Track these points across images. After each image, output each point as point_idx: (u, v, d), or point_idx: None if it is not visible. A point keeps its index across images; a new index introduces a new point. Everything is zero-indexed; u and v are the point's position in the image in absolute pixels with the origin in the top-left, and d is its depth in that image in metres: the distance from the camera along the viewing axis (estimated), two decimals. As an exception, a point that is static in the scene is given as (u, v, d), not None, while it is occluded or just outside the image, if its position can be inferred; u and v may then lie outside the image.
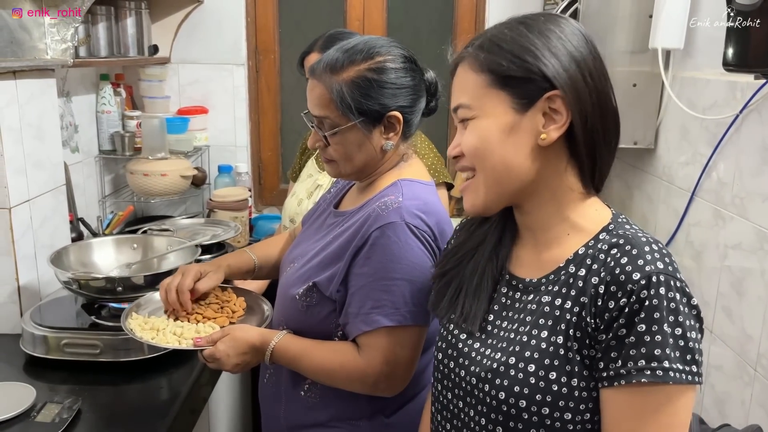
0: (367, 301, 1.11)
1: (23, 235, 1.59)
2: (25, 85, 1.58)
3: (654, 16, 1.78)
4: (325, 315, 1.18)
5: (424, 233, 1.12)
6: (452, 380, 0.92)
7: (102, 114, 2.33)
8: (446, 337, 0.95)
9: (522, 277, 0.90)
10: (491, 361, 0.85)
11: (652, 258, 0.77)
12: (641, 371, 0.75)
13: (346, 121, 1.14)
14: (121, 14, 2.23)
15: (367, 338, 1.13)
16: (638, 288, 0.76)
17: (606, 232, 0.84)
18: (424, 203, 1.15)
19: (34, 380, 1.36)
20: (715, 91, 1.58)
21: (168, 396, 1.35)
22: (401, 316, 1.10)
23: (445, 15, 2.58)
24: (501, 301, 0.91)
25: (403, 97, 1.16)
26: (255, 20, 2.57)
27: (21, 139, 1.58)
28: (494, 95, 0.84)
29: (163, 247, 1.74)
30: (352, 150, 1.17)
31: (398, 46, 1.19)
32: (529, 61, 0.82)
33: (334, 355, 1.16)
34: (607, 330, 0.77)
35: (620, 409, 0.77)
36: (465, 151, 0.86)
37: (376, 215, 1.13)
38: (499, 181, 0.85)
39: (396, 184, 1.18)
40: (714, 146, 1.56)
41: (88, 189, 2.29)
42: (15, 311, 1.58)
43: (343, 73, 1.13)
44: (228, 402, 1.99)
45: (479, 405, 0.86)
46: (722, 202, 1.53)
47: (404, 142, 1.23)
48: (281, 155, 2.72)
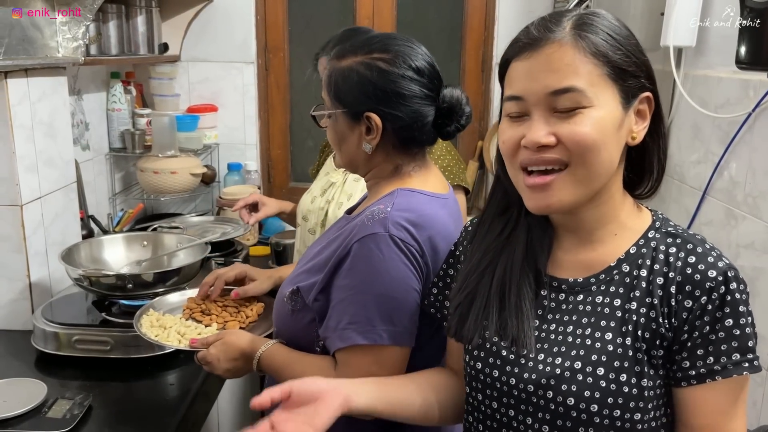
0: (344, 315, 1.05)
1: (34, 232, 1.60)
2: (36, 83, 1.59)
3: (666, 14, 1.76)
4: (307, 322, 1.13)
5: (410, 247, 1.04)
6: (499, 389, 0.87)
7: (112, 112, 2.34)
8: (484, 345, 0.89)
9: (564, 277, 0.87)
10: (551, 367, 0.82)
11: (716, 255, 0.80)
12: (738, 365, 0.77)
13: (332, 107, 1.14)
14: (132, 12, 2.24)
15: (342, 355, 1.07)
16: (717, 285, 0.77)
17: (654, 230, 0.85)
18: (418, 215, 1.07)
19: (46, 376, 1.37)
20: (728, 89, 1.57)
21: (178, 393, 1.36)
22: (376, 335, 1.03)
23: (455, 12, 2.57)
24: (543, 304, 0.87)
25: (387, 103, 1.09)
26: (264, 18, 2.57)
27: (33, 137, 1.58)
28: (608, 87, 0.79)
29: (173, 245, 1.74)
30: (338, 139, 1.16)
31: (412, 53, 1.11)
32: (640, 58, 0.81)
33: (311, 371, 1.09)
34: (691, 329, 0.78)
35: (715, 404, 0.80)
36: (570, 142, 0.78)
37: (361, 224, 1.07)
38: (596, 177, 0.80)
39: (392, 193, 1.12)
40: (726, 145, 1.55)
41: (99, 186, 2.30)
42: (26, 308, 1.59)
43: (343, 61, 1.13)
44: (237, 398, 2.00)
45: (539, 412, 0.83)
46: (734, 201, 1.52)
47: (401, 154, 1.14)
48: (290, 153, 2.72)
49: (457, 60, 2.60)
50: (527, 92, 0.80)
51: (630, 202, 0.88)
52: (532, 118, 0.80)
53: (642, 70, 0.81)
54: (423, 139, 1.15)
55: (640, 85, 0.81)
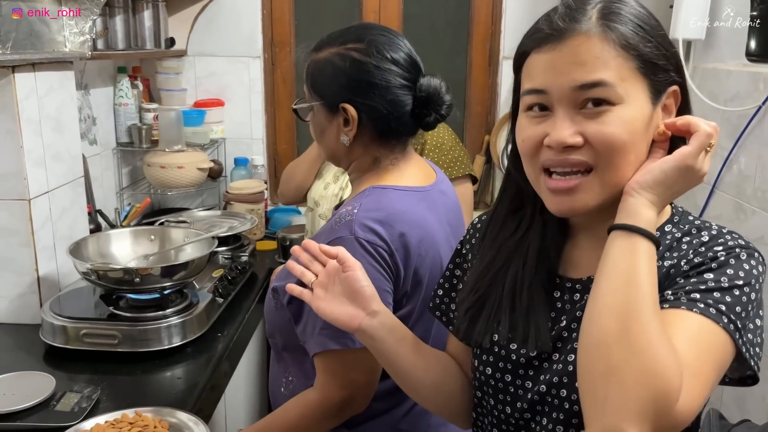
0: (318, 320, 1.03)
1: (42, 226, 1.60)
2: (44, 78, 1.60)
3: (675, 7, 1.75)
4: (287, 320, 1.12)
5: (378, 247, 1.03)
6: (513, 393, 0.85)
7: (119, 106, 2.34)
8: (492, 349, 0.87)
9: (579, 277, 0.84)
10: (564, 364, 0.80)
11: (735, 236, 0.77)
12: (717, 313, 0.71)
13: (311, 100, 1.15)
14: (139, 7, 2.24)
15: (318, 361, 1.08)
16: (725, 249, 0.74)
17: (671, 224, 0.82)
18: (387, 214, 1.06)
19: (54, 370, 1.37)
20: (738, 82, 1.56)
21: (185, 387, 1.36)
22: (348, 339, 1.02)
23: (462, 7, 2.56)
24: (557, 306, 0.84)
25: (361, 93, 1.08)
26: (271, 12, 2.57)
27: (40, 132, 1.59)
28: (638, 82, 0.74)
29: (180, 239, 1.75)
30: (318, 132, 1.18)
31: (387, 42, 1.10)
32: (669, 50, 0.76)
33: (292, 412, 1.10)
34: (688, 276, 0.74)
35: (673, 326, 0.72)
36: (598, 143, 0.73)
37: (330, 228, 1.07)
38: (623, 179, 0.75)
39: (363, 192, 1.11)
40: (736, 138, 1.54)
41: (106, 181, 2.31)
42: (35, 301, 1.60)
43: (320, 53, 1.13)
44: (245, 392, 2.01)
45: (554, 413, 0.81)
46: (744, 195, 1.51)
47: (379, 147, 1.14)
48: (297, 148, 2.72)
49: (463, 54, 2.59)
50: (551, 86, 0.74)
51: None
52: (556, 116, 0.74)
53: (671, 63, 0.77)
54: (401, 130, 1.14)
55: (670, 79, 0.77)
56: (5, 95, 1.48)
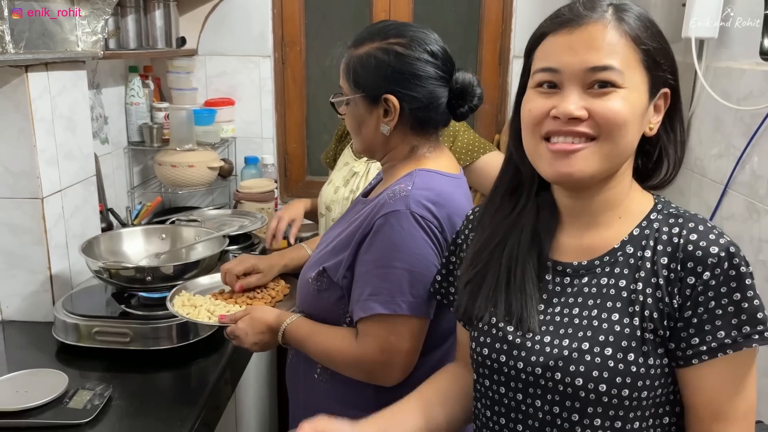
0: (366, 287, 1.12)
1: (55, 224, 1.61)
2: (56, 77, 1.61)
3: (687, 5, 1.74)
4: (334, 300, 1.19)
5: (431, 224, 1.11)
6: (506, 374, 0.88)
7: (131, 106, 2.36)
8: (490, 331, 0.90)
9: (567, 261, 0.89)
10: (558, 348, 0.83)
11: (718, 232, 0.81)
12: (749, 337, 0.78)
13: (351, 93, 1.19)
14: (150, 7, 2.25)
15: (363, 325, 1.13)
16: (719, 261, 0.78)
17: (656, 212, 0.87)
18: (437, 194, 1.13)
19: (66, 367, 1.38)
20: (751, 81, 1.54)
21: (197, 384, 1.37)
22: (396, 305, 1.09)
23: (473, 5, 2.55)
24: (548, 288, 0.89)
25: (405, 84, 1.15)
26: (281, 12, 2.57)
27: (53, 131, 1.60)
28: (640, 73, 0.82)
29: (191, 238, 1.76)
30: (356, 124, 1.22)
31: (426, 39, 1.17)
32: (670, 53, 0.84)
33: (333, 340, 1.17)
34: (695, 305, 0.79)
35: (724, 381, 0.80)
36: (601, 117, 0.80)
37: (383, 203, 1.14)
38: (618, 155, 0.82)
39: (411, 173, 1.18)
40: (749, 138, 1.52)
41: (117, 180, 2.32)
42: (47, 299, 1.61)
43: (360, 48, 1.18)
44: (255, 389, 2.01)
45: (548, 395, 0.84)
46: (757, 195, 1.50)
47: (417, 136, 1.21)
48: (307, 147, 2.73)
49: (474, 53, 2.59)
50: (565, 65, 0.81)
51: (636, 188, 0.90)
52: (565, 91, 0.81)
53: (669, 64, 0.84)
54: (438, 120, 1.21)
55: (665, 80, 0.84)
56: (19, 95, 1.49)
